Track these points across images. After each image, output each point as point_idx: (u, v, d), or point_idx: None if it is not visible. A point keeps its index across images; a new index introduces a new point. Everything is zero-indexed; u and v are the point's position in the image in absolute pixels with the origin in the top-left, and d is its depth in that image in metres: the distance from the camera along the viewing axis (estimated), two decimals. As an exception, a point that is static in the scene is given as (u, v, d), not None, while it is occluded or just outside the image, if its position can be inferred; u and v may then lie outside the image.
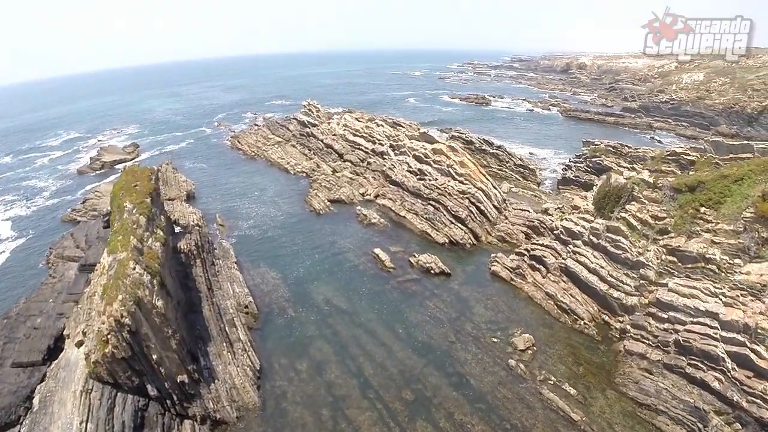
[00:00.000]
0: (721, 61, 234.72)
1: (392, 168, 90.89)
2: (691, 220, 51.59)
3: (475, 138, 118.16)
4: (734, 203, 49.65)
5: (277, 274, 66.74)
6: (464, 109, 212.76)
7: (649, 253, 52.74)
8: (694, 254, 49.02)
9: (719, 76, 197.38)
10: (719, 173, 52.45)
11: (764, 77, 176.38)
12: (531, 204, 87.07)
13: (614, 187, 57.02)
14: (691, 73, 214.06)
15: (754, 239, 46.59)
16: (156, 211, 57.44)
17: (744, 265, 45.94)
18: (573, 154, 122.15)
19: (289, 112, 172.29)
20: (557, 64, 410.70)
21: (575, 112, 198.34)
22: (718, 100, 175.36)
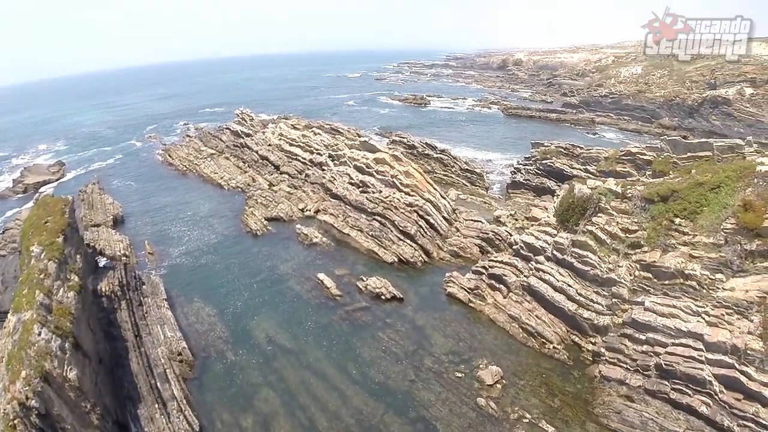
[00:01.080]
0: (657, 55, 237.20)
1: (332, 180, 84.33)
2: (666, 232, 46.83)
3: (417, 142, 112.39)
4: (712, 213, 45.13)
5: (213, 309, 59.09)
6: (403, 111, 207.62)
7: (621, 269, 47.86)
8: (671, 270, 44.36)
9: (657, 68, 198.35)
10: (694, 180, 47.70)
11: (702, 69, 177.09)
12: (481, 211, 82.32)
13: (578, 198, 51.75)
14: (629, 66, 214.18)
15: (737, 252, 42.23)
16: (70, 252, 49.36)
17: (727, 280, 41.76)
18: (519, 154, 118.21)
19: (223, 121, 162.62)
20: (493, 61, 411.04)
21: (516, 110, 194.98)
22: (658, 93, 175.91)
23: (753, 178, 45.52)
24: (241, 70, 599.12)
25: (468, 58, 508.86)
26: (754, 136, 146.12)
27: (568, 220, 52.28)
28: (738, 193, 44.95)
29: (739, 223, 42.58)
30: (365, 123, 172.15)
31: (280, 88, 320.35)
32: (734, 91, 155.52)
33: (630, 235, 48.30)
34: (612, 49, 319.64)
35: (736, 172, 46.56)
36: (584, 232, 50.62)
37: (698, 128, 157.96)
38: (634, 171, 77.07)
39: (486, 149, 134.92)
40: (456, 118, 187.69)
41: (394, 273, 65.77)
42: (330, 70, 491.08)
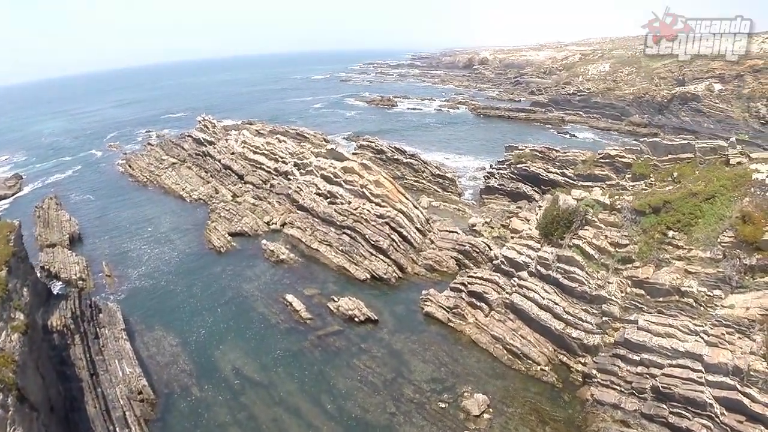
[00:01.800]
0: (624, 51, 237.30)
1: (298, 191, 79.95)
2: (659, 246, 43.65)
3: (386, 146, 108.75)
4: (708, 226, 42.07)
5: (176, 338, 54.17)
6: (370, 113, 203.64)
7: (611, 286, 44.62)
8: (666, 287, 41.26)
9: (625, 65, 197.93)
10: (687, 190, 44.55)
11: (669, 65, 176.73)
12: (455, 219, 79.31)
13: (563, 211, 48.28)
14: (596, 63, 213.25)
15: (736, 267, 39.29)
16: (16, 285, 44.07)
17: (726, 297, 38.90)
18: (491, 157, 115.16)
19: (186, 127, 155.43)
20: (459, 60, 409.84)
21: (485, 110, 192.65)
22: (627, 90, 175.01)
23: (749, 187, 42.63)
24: (204, 73, 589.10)
25: (433, 57, 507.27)
26: (724, 131, 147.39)
27: (552, 233, 48.76)
28: (734, 204, 42.05)
29: (737, 236, 39.73)
30: (332, 127, 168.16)
31: (244, 92, 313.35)
32: (703, 87, 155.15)
33: (620, 250, 45.07)
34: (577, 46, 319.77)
35: (731, 181, 43.58)
36: (570, 247, 47.27)
37: (668, 125, 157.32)
38: (613, 174, 74.24)
39: (456, 152, 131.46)
40: (424, 120, 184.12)
41: (367, 291, 61.76)
42: (296, 72, 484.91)
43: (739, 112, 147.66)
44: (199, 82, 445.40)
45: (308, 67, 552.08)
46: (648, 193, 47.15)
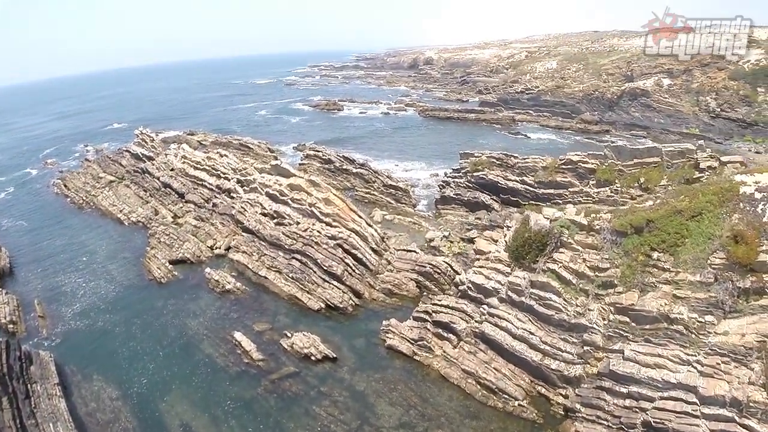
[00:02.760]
0: (570, 48, 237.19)
1: (243, 211, 73.78)
2: (643, 269, 39.63)
3: (334, 156, 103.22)
4: (696, 246, 38.37)
5: (116, 390, 47.39)
6: (316, 118, 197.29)
7: (592, 313, 40.46)
8: (653, 314, 37.42)
9: (572, 62, 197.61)
10: (671, 207, 40.46)
11: (617, 61, 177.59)
12: (411, 233, 74.55)
13: (536, 232, 43.68)
14: (543, 61, 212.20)
15: (728, 291, 35.95)
16: None
17: (718, 323, 35.62)
18: (444, 163, 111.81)
19: (127, 140, 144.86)
20: (404, 60, 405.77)
21: (434, 112, 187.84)
22: (577, 87, 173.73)
23: (737, 203, 39.12)
24: (145, 80, 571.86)
25: (378, 58, 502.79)
26: (674, 126, 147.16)
27: (523, 256, 44.19)
28: (723, 221, 38.49)
29: (729, 257, 36.35)
30: (277, 135, 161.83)
31: (187, 100, 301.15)
32: (652, 83, 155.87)
33: (600, 274, 40.83)
34: (522, 44, 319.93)
35: (717, 196, 39.73)
36: (545, 271, 42.85)
37: (619, 121, 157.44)
38: (576, 181, 70.74)
39: (407, 158, 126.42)
40: (372, 125, 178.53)
41: (323, 323, 56.29)
42: (239, 77, 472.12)
43: (689, 106, 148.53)
44: (143, 89, 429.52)
45: (252, 71, 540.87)
46: (627, 210, 42.84)
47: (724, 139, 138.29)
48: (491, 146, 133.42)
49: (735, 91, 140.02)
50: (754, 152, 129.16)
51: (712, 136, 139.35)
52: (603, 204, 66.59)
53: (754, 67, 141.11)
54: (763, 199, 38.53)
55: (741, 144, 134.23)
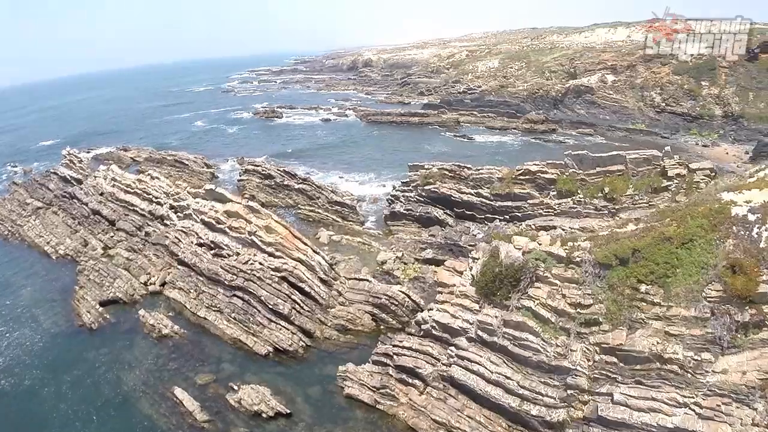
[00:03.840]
0: (511, 45, 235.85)
1: (177, 241, 66.78)
2: (630, 304, 35.13)
3: (275, 171, 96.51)
4: (688, 277, 34.04)
5: None
6: (255, 127, 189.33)
7: (575, 354, 35.73)
8: (645, 354, 33.23)
9: (514, 60, 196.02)
10: (658, 234, 35.84)
11: (560, 59, 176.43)
12: (361, 255, 69.10)
13: (507, 266, 38.53)
14: (485, 60, 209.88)
15: (726, 325, 32.10)
16: None
17: (716, 360, 31.85)
18: (390, 170, 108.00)
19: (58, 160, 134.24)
20: (343, 62, 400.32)
21: (376, 116, 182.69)
22: (521, 86, 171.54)
23: (730, 226, 34.84)
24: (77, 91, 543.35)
25: (317, 61, 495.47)
26: (620, 122, 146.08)
27: (494, 293, 39.06)
28: (716, 248, 34.22)
29: (727, 290, 32.31)
30: (215, 147, 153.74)
31: (121, 111, 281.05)
32: (596, 79, 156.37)
33: (583, 311, 36.06)
34: (461, 42, 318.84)
35: (708, 219, 35.39)
36: (519, 309, 37.88)
37: (565, 119, 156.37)
38: (535, 192, 66.47)
39: (352, 169, 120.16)
40: (313, 132, 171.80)
41: (272, 369, 50.08)
42: (175, 84, 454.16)
43: (634, 102, 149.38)
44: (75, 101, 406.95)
45: (188, 78, 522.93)
46: (608, 237, 38.00)
47: (670, 134, 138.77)
48: (437, 152, 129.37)
49: (679, 85, 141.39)
50: (701, 146, 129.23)
51: (658, 130, 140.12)
52: (565, 216, 62.73)
53: (697, 61, 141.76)
54: (757, 221, 34.58)
55: (688, 138, 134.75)
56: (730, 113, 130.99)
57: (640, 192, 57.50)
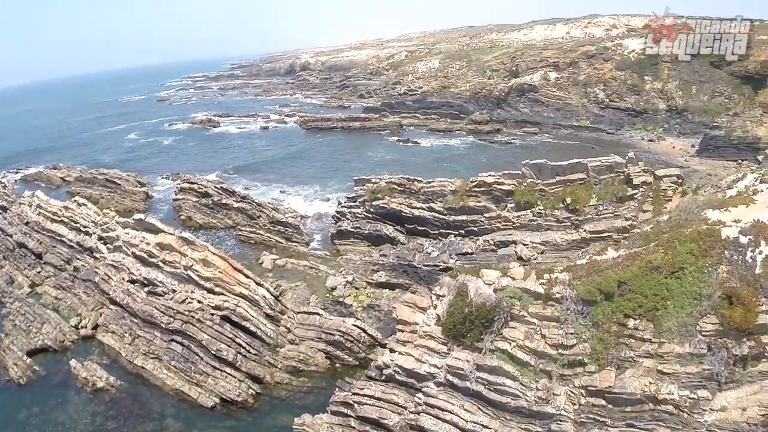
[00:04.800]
0: (450, 45, 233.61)
1: (107, 278, 60.14)
2: (617, 341, 31.61)
3: (212, 188, 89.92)
4: (680, 309, 30.89)
5: None
6: (191, 138, 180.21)
7: (559, 398, 32.07)
8: (637, 396, 30.12)
9: (454, 60, 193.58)
10: (645, 263, 32.17)
11: (501, 57, 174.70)
12: (309, 281, 64.44)
13: (478, 307, 34.12)
14: (425, 60, 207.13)
15: (724, 360, 29.22)
16: None
17: (714, 397, 29.44)
18: (334, 181, 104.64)
19: None
20: (280, 66, 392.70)
21: (316, 122, 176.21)
22: (463, 87, 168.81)
23: (721, 250, 31.71)
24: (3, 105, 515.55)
25: (254, 65, 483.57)
26: (564, 119, 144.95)
27: (464, 335, 34.68)
28: (710, 276, 31.04)
29: (724, 322, 29.35)
30: (149, 162, 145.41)
31: (52, 126, 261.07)
32: (539, 77, 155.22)
33: (566, 351, 32.16)
34: (399, 42, 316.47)
35: (697, 243, 31.97)
36: (493, 351, 33.71)
37: (510, 118, 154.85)
38: (491, 204, 62.41)
39: (293, 181, 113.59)
40: (252, 142, 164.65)
41: (221, 424, 44.75)
42: (109, 94, 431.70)
43: (578, 99, 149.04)
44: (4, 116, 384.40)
45: (122, 87, 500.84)
46: (587, 266, 34.06)
47: (615, 129, 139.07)
48: (382, 159, 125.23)
49: (622, 81, 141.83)
50: (647, 140, 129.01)
51: (603, 126, 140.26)
52: (526, 229, 59.02)
53: (639, 56, 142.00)
54: (750, 244, 31.54)
55: (633, 133, 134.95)
56: (674, 107, 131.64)
57: (605, 202, 54.15)
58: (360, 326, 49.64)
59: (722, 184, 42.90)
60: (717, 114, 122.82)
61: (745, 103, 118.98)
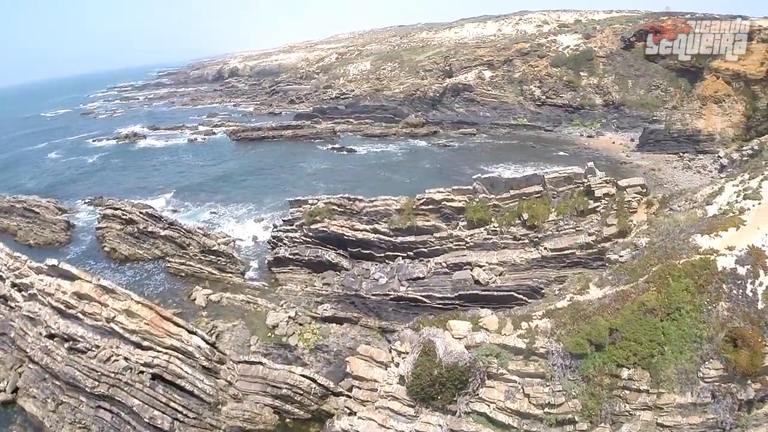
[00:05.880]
0: (381, 45, 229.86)
1: (23, 334, 52.83)
2: (611, 395, 27.69)
3: (137, 214, 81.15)
4: (679, 355, 27.38)
5: None
6: (116, 155, 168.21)
7: (547, 460, 27.67)
8: None
9: (386, 61, 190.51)
10: (637, 305, 28.19)
11: (434, 57, 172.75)
12: (247, 319, 58.22)
13: (449, 368, 29.29)
14: (356, 62, 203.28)
15: (729, 407, 26.35)
16: None
17: None
18: (269, 198, 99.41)
19: None
20: (208, 72, 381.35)
21: (246, 132, 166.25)
22: (397, 89, 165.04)
23: (720, 284, 28.27)
24: None
25: (182, 72, 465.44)
26: (501, 118, 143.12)
27: (434, 397, 29.97)
28: (709, 315, 27.62)
29: (729, 367, 26.14)
30: (70, 185, 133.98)
31: None
32: (473, 76, 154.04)
33: (553, 410, 27.87)
34: (328, 44, 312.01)
35: (692, 279, 28.25)
36: (469, 414, 29.18)
37: (446, 120, 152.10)
38: (441, 223, 57.82)
39: (227, 201, 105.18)
40: (179, 157, 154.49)
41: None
42: (28, 108, 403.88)
43: (514, 97, 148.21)
44: None
45: (44, 100, 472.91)
46: (572, 312, 29.73)
47: (553, 126, 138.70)
48: (315, 170, 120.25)
49: (558, 77, 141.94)
50: (586, 136, 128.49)
51: (541, 124, 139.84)
52: (481, 249, 54.89)
53: (574, 52, 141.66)
54: (749, 275, 28.23)
55: (571, 129, 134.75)
56: (611, 102, 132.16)
57: (565, 216, 50.29)
58: (309, 376, 44.18)
59: (698, 198, 39.50)
60: (655, 108, 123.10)
61: (682, 96, 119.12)
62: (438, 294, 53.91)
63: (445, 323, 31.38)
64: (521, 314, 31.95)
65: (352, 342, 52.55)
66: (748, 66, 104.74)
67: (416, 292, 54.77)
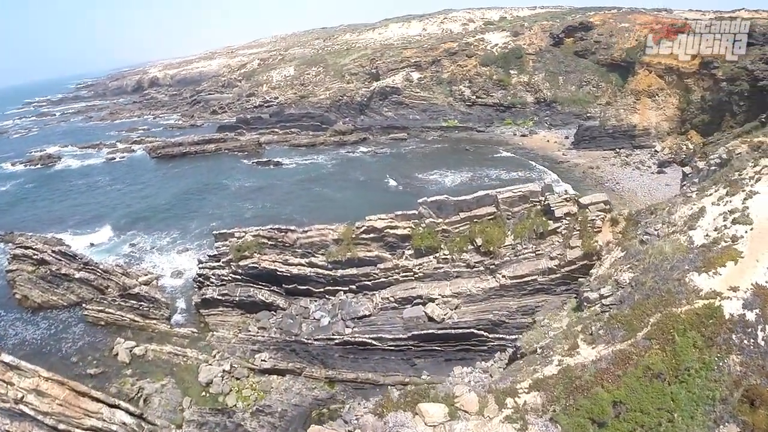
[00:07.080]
0: (304, 49, 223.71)
1: None
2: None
3: (49, 253, 70.83)
4: (689, 421, 23.32)
5: None
6: (30, 180, 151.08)
7: None
8: None
9: (310, 66, 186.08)
10: (642, 369, 23.60)
11: (359, 60, 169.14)
12: (177, 376, 51.85)
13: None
14: (279, 68, 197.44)
15: None
16: None
17: None
18: (194, 224, 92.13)
19: None
20: (127, 83, 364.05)
21: (167, 149, 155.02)
22: (323, 95, 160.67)
23: (729, 335, 24.32)
24: None
25: (100, 83, 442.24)
26: (431, 120, 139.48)
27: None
28: (720, 372, 23.79)
29: (746, 429, 23.02)
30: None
31: None
32: (401, 78, 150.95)
33: None
34: (249, 49, 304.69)
35: (699, 331, 23.87)
36: None
37: (375, 125, 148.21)
38: (385, 253, 52.55)
39: (147, 229, 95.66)
40: (94, 180, 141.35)
41: None
42: None
43: (443, 98, 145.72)
44: None
45: None
46: (564, 382, 24.74)
47: (485, 126, 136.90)
48: (239, 188, 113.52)
49: (488, 76, 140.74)
50: (519, 135, 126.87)
51: (472, 124, 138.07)
52: (431, 279, 49.94)
53: (503, 50, 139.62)
54: (758, 320, 24.27)
55: (503, 128, 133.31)
56: (542, 99, 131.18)
57: (523, 239, 45.71)
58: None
59: (676, 221, 35.00)
60: (587, 104, 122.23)
61: (614, 92, 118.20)
62: (389, 335, 48.39)
63: (414, 405, 25.65)
64: (503, 387, 26.53)
65: (298, 398, 46.95)
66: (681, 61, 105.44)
67: (364, 333, 49.19)
